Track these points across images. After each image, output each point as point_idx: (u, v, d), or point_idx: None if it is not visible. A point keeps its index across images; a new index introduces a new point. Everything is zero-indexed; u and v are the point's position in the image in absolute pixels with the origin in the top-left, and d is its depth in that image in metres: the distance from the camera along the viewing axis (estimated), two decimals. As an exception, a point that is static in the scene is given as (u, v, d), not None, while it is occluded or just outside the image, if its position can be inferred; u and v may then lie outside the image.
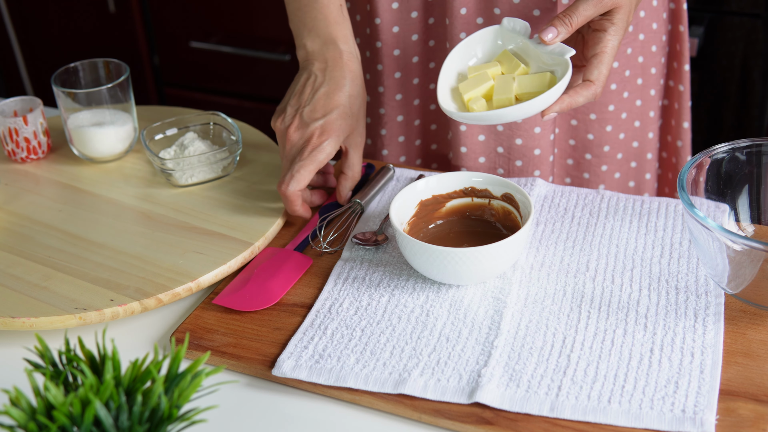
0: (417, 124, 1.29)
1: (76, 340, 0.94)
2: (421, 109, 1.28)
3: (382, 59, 1.23)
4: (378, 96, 1.26)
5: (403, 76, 1.25)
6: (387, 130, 1.28)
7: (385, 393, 0.85)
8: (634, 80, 1.24)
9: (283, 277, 0.99)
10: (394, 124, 1.28)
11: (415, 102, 1.27)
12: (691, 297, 0.93)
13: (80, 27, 2.42)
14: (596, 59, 0.98)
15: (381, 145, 1.29)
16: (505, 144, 1.22)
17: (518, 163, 1.22)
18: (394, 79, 1.25)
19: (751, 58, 1.81)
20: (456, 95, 1.02)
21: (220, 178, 1.16)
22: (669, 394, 0.82)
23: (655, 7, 1.22)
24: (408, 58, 1.23)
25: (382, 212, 1.10)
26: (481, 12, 1.16)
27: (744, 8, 1.78)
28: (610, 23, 0.98)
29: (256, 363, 0.89)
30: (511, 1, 1.15)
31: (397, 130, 1.28)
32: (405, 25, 1.21)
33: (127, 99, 1.21)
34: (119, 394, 0.66)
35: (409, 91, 1.26)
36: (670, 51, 1.29)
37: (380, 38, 1.21)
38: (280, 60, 2.21)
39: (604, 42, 0.98)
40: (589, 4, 0.97)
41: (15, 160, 1.22)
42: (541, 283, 0.97)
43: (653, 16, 1.22)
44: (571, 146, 1.27)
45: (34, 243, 1.05)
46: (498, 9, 1.15)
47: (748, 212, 0.99)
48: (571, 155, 1.28)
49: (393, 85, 1.25)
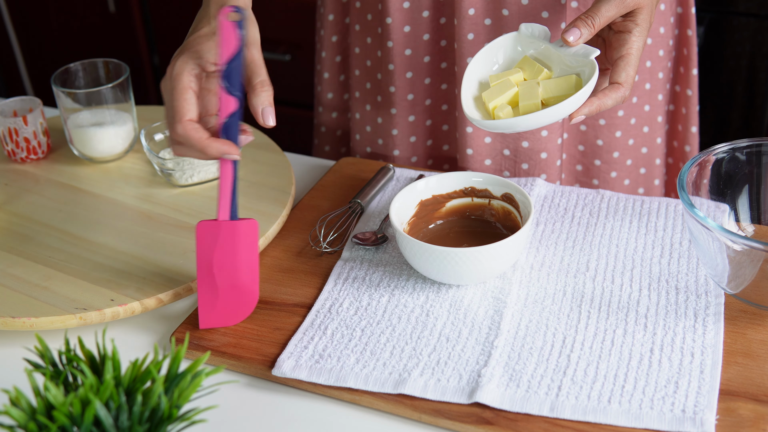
0: (428, 124, 1.28)
1: (76, 340, 0.94)
2: (432, 110, 1.27)
3: (393, 59, 1.23)
4: (389, 96, 1.26)
5: (415, 76, 1.24)
6: (398, 130, 1.28)
7: (385, 393, 0.85)
8: (642, 85, 1.24)
9: (243, 267, 0.92)
10: (406, 124, 1.27)
11: (426, 102, 1.27)
12: (691, 297, 0.93)
13: (80, 27, 2.42)
14: (623, 61, 0.96)
15: (392, 145, 1.29)
16: (512, 146, 1.22)
17: (524, 166, 1.22)
18: (405, 79, 1.24)
19: (758, 59, 1.81)
20: (480, 104, 1.00)
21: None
22: (669, 394, 0.82)
23: (662, 12, 1.22)
24: (419, 58, 1.23)
25: (382, 212, 1.10)
26: (489, 13, 1.16)
27: (750, 9, 1.78)
28: (634, 24, 0.97)
29: (256, 363, 0.89)
30: (519, 2, 1.14)
31: (408, 130, 1.28)
32: (416, 25, 1.21)
33: (127, 99, 1.21)
34: (119, 394, 0.66)
35: (421, 91, 1.25)
36: (677, 55, 1.28)
37: (391, 38, 1.21)
38: (280, 60, 2.21)
39: (629, 43, 0.97)
40: (611, 4, 0.95)
41: (15, 160, 1.22)
42: (541, 283, 0.97)
43: (660, 20, 1.22)
44: (580, 152, 1.27)
45: (34, 243, 1.05)
46: (506, 10, 1.15)
47: (748, 212, 0.99)
48: (580, 161, 1.28)
49: (404, 85, 1.24)
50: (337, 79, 1.36)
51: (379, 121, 1.29)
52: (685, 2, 1.25)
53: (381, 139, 1.30)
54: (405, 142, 1.29)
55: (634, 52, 0.97)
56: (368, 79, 1.29)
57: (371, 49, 1.27)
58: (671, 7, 1.23)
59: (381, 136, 1.30)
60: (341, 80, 1.36)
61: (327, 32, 1.33)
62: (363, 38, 1.27)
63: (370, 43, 1.26)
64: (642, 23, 0.97)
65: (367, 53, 1.28)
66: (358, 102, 1.32)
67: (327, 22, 1.33)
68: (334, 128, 1.41)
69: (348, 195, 1.15)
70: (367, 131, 1.32)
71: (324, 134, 1.42)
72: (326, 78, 1.37)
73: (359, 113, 1.32)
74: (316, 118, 1.42)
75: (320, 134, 1.43)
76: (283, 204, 1.10)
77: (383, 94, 1.27)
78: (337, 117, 1.40)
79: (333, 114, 1.40)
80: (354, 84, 1.32)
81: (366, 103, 1.31)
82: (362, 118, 1.32)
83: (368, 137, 1.32)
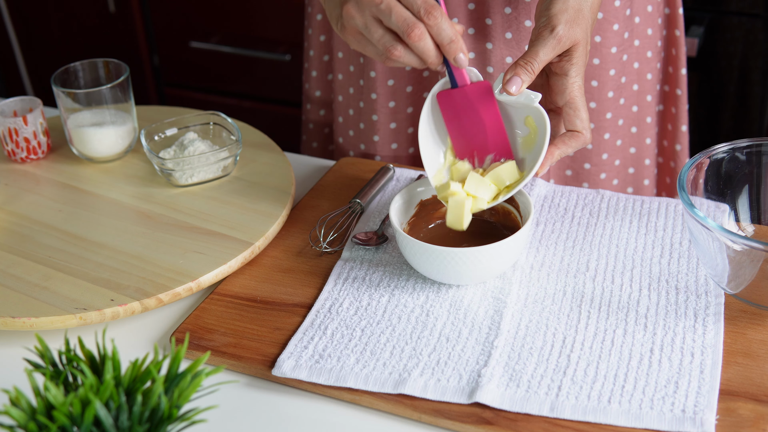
0: (410, 132, 1.28)
1: (76, 340, 0.94)
2: (414, 118, 1.27)
3: (375, 66, 1.23)
4: (371, 102, 1.26)
5: (397, 84, 1.24)
6: (380, 137, 1.28)
7: (385, 393, 0.85)
8: (630, 87, 1.24)
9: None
10: (387, 131, 1.27)
11: (408, 110, 1.27)
12: (691, 297, 0.93)
13: (80, 27, 2.42)
14: (570, 108, 0.96)
15: (374, 151, 1.29)
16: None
17: None
18: (387, 87, 1.24)
19: (751, 59, 1.81)
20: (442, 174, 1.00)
21: (220, 178, 1.16)
22: (669, 394, 0.82)
23: (650, 13, 1.22)
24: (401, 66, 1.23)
25: (382, 212, 1.10)
26: (473, 23, 1.16)
27: (744, 8, 1.78)
28: (570, 64, 0.95)
29: (256, 363, 0.89)
30: (502, 12, 1.14)
31: (389, 137, 1.28)
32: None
33: (127, 99, 1.21)
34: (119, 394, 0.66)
35: (403, 99, 1.26)
36: (666, 56, 1.28)
37: None
38: (280, 60, 2.21)
39: (569, 88, 0.95)
40: (547, 48, 0.93)
41: (15, 160, 1.22)
42: (541, 283, 0.97)
43: (648, 22, 1.22)
44: (569, 157, 1.27)
45: (34, 243, 1.05)
46: (489, 20, 1.15)
47: (748, 212, 0.99)
48: (570, 166, 1.28)
49: (386, 92, 1.25)
50: (325, 78, 1.37)
51: (361, 126, 1.30)
52: (673, 3, 1.25)
53: (363, 144, 1.30)
54: (386, 149, 1.29)
55: (576, 94, 0.95)
56: (351, 84, 1.29)
57: (354, 55, 1.27)
58: (658, 9, 1.23)
59: (363, 141, 1.30)
60: (329, 79, 1.37)
61: (315, 31, 1.34)
62: (346, 43, 1.27)
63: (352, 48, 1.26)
64: (578, 62, 0.95)
65: (350, 59, 1.28)
66: (341, 106, 1.32)
67: (315, 21, 1.33)
68: (322, 125, 1.41)
69: (348, 195, 1.15)
70: (350, 135, 1.32)
71: (312, 131, 1.43)
72: (314, 76, 1.37)
73: (342, 117, 1.32)
74: (304, 115, 1.43)
75: (308, 131, 1.43)
76: (283, 204, 1.10)
77: (365, 101, 1.27)
78: (324, 114, 1.40)
79: (321, 112, 1.40)
80: (337, 88, 1.32)
81: (349, 107, 1.31)
82: (345, 122, 1.32)
83: (351, 141, 1.32)
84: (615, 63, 1.21)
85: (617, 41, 1.19)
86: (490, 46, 1.17)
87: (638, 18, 1.21)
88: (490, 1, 1.14)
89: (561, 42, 0.93)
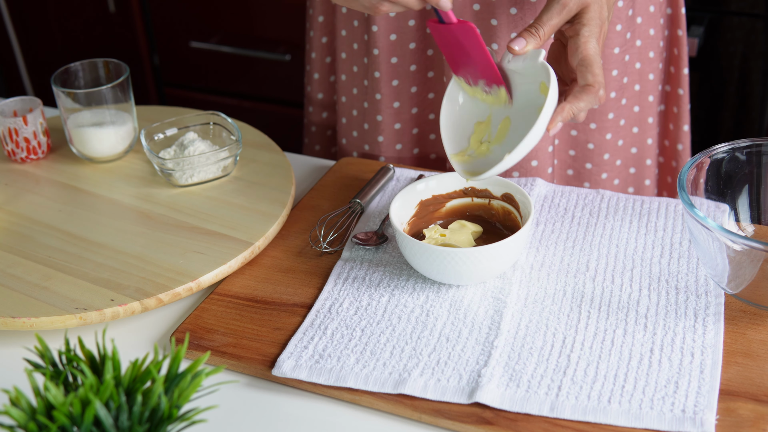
0: (415, 132, 1.28)
1: (76, 340, 0.94)
2: (419, 118, 1.27)
3: (379, 66, 1.23)
4: (376, 103, 1.26)
5: (401, 84, 1.24)
6: (384, 138, 1.28)
7: (385, 393, 0.85)
8: (631, 87, 1.24)
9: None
10: (392, 131, 1.27)
11: (413, 111, 1.26)
12: (691, 297, 0.93)
13: (80, 27, 2.42)
14: (582, 66, 0.94)
15: (378, 152, 1.29)
16: None
17: (515, 174, 1.22)
18: (391, 87, 1.24)
19: (751, 59, 1.81)
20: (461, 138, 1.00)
21: (220, 178, 1.16)
22: (669, 394, 0.82)
23: (652, 13, 1.21)
24: (405, 67, 1.23)
25: (382, 212, 1.10)
26: (478, 23, 1.16)
27: (744, 8, 1.78)
28: (581, 25, 0.95)
29: (256, 363, 0.89)
30: (508, 13, 1.14)
31: (394, 138, 1.28)
32: (402, 33, 1.21)
33: (127, 99, 1.21)
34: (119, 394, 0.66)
35: (407, 99, 1.25)
36: (668, 56, 1.28)
37: (377, 45, 1.21)
38: (280, 60, 2.21)
39: (582, 47, 0.94)
40: (552, 12, 0.93)
41: (15, 160, 1.22)
42: (541, 283, 0.97)
43: (650, 22, 1.22)
44: (571, 157, 1.27)
45: (34, 243, 1.05)
46: (495, 20, 1.15)
47: (748, 212, 0.99)
48: (571, 165, 1.28)
49: (390, 93, 1.24)
50: (327, 80, 1.37)
51: (365, 127, 1.29)
52: (675, 3, 1.25)
53: (367, 145, 1.30)
54: (391, 150, 1.28)
55: (590, 52, 0.94)
56: (354, 85, 1.29)
57: (357, 56, 1.27)
58: (661, 9, 1.23)
59: (367, 142, 1.30)
60: (331, 81, 1.37)
61: (316, 33, 1.34)
62: (350, 44, 1.27)
63: (356, 49, 1.26)
64: (589, 22, 0.94)
65: (354, 59, 1.28)
66: (345, 107, 1.32)
67: (316, 23, 1.33)
68: (324, 127, 1.41)
69: (348, 195, 1.15)
70: (354, 136, 1.32)
71: (314, 133, 1.42)
72: (316, 78, 1.37)
73: (345, 118, 1.32)
74: (306, 117, 1.43)
75: (311, 133, 1.43)
76: (283, 204, 1.10)
77: (370, 101, 1.27)
78: (327, 117, 1.40)
79: (323, 114, 1.40)
80: (341, 89, 1.32)
81: (353, 108, 1.31)
82: (349, 123, 1.32)
83: (355, 142, 1.32)
84: (617, 63, 1.21)
85: (619, 42, 1.19)
86: (496, 47, 1.17)
87: (640, 18, 1.21)
88: (495, 2, 1.14)
89: (567, 6, 0.94)
